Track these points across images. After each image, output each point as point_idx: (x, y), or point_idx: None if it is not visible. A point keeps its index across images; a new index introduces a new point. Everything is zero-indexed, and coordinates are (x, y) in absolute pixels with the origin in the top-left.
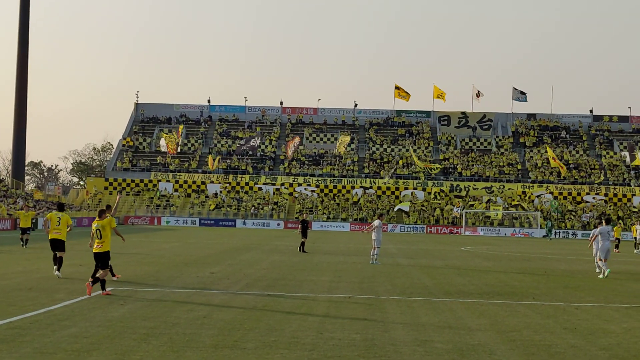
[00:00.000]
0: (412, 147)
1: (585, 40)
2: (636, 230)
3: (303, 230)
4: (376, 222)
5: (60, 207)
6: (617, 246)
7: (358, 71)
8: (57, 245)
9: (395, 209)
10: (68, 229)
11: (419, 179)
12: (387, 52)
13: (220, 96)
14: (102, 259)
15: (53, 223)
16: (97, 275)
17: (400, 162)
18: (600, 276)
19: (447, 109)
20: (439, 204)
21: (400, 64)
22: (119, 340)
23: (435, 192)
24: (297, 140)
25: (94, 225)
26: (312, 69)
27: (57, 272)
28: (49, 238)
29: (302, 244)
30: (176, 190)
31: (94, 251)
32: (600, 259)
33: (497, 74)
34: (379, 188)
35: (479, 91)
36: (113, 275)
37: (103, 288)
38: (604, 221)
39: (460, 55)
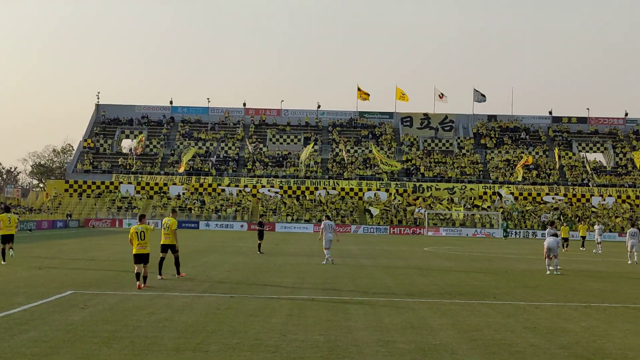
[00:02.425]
0: (375, 147)
1: (544, 42)
2: (594, 230)
3: (259, 232)
4: (325, 223)
5: (7, 209)
6: (565, 245)
7: (321, 72)
8: (10, 238)
9: (372, 213)
10: (16, 226)
11: (382, 180)
12: (350, 53)
13: (182, 97)
14: (146, 259)
15: (4, 222)
16: (142, 273)
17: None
18: (547, 272)
19: (410, 110)
20: (400, 203)
21: (363, 66)
22: (79, 344)
23: (395, 194)
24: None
25: (138, 228)
26: (275, 70)
27: (12, 254)
28: (2, 234)
29: (259, 245)
30: (138, 192)
31: (136, 252)
32: (548, 257)
33: (459, 75)
34: (343, 189)
35: (441, 93)
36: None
37: (178, 272)
38: (548, 225)
39: (422, 57)
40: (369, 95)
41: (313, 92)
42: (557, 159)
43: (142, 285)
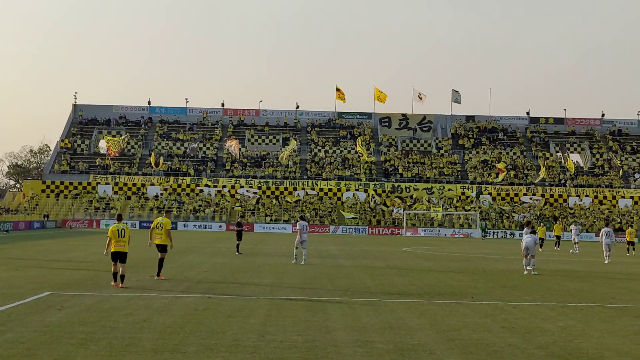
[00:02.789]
0: (360, 139)
1: (522, 44)
2: (571, 231)
3: (238, 232)
4: (301, 224)
5: None
6: (541, 245)
7: (300, 73)
8: None
9: (347, 217)
10: None
11: (360, 181)
12: (329, 54)
13: (160, 97)
14: (123, 257)
15: None
16: (120, 272)
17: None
18: (525, 272)
19: (388, 110)
20: (379, 204)
21: (342, 66)
22: (56, 345)
23: (372, 195)
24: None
25: (118, 226)
26: (253, 70)
27: None
28: None
29: (237, 245)
30: (116, 192)
31: (116, 250)
32: (526, 256)
33: (436, 76)
34: (321, 189)
35: (420, 93)
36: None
37: (158, 274)
38: (525, 225)
39: (401, 58)
40: (344, 93)
41: (292, 93)
42: (543, 173)
43: (120, 285)
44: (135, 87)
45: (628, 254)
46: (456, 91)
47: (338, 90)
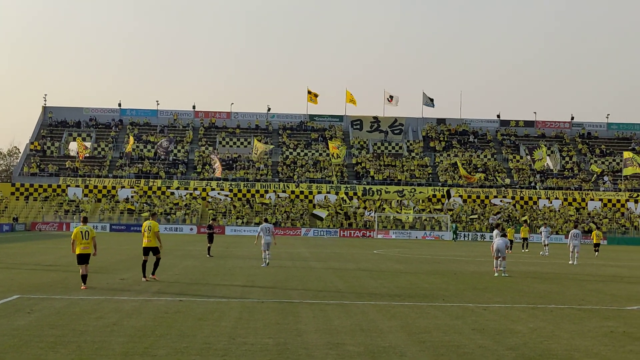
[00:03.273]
0: (337, 142)
1: (491, 46)
2: (541, 233)
3: (209, 235)
4: (263, 226)
5: None
6: (510, 247)
7: (271, 76)
8: None
9: (313, 212)
10: None
11: (332, 183)
12: (300, 57)
13: (131, 100)
14: (87, 259)
15: None
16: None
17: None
18: (496, 274)
19: (360, 113)
20: (351, 206)
21: (313, 69)
22: (25, 349)
23: (343, 197)
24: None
25: (82, 228)
26: (225, 73)
27: None
28: None
29: (209, 248)
30: (86, 195)
31: (80, 252)
32: (497, 258)
33: (408, 79)
34: (293, 192)
35: (391, 95)
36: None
37: (153, 272)
38: (495, 227)
39: (372, 61)
40: (317, 95)
41: (263, 95)
42: (507, 169)
43: (82, 286)
44: (106, 89)
45: (596, 255)
46: (427, 96)
47: (310, 92)
